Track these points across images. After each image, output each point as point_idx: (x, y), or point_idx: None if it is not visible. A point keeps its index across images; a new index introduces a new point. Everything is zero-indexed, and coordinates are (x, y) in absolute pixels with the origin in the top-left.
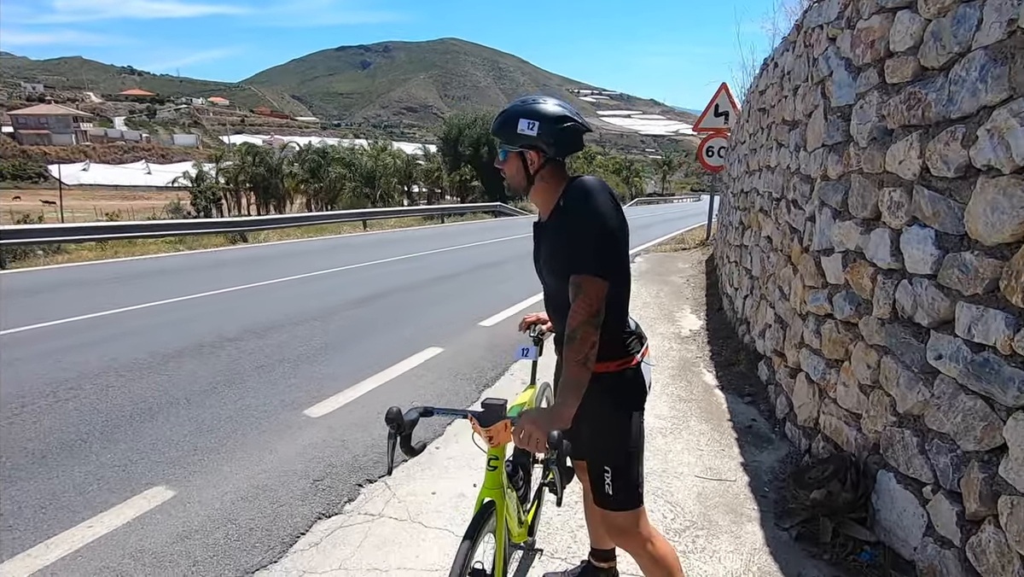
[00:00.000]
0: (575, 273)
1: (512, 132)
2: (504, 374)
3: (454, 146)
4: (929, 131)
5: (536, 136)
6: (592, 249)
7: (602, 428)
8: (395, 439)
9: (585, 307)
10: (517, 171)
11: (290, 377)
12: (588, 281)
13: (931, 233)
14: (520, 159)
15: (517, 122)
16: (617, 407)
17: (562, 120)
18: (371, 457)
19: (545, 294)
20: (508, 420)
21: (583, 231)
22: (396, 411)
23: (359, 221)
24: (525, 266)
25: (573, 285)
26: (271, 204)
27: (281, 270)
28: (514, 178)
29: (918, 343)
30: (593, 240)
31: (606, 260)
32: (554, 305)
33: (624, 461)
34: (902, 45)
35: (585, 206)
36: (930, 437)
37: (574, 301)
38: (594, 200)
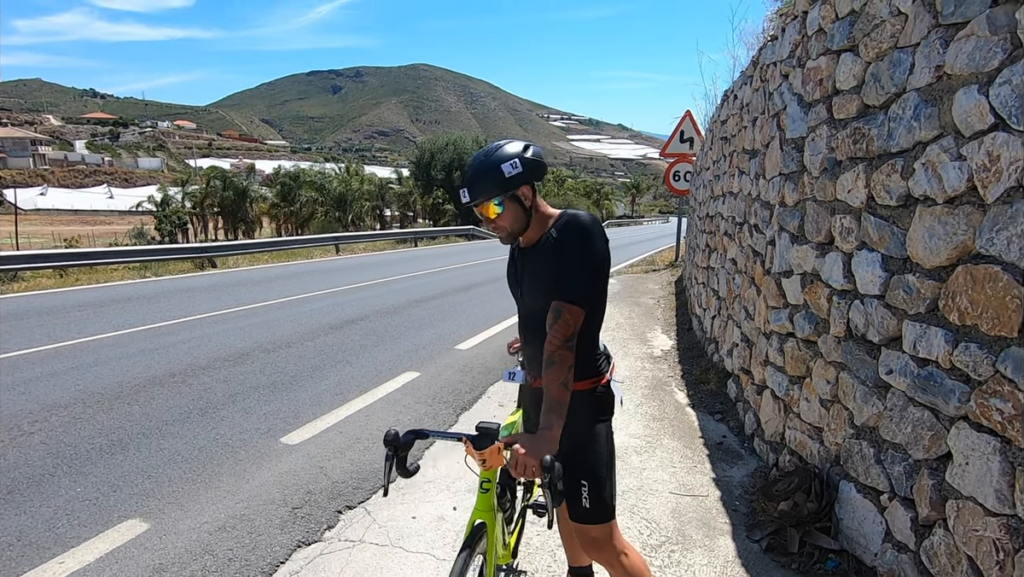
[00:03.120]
0: (558, 300)
1: (501, 179)
2: (481, 396)
3: (427, 170)
4: (873, 163)
5: (523, 170)
6: (578, 280)
7: (578, 443)
8: (392, 461)
9: (562, 332)
10: (517, 214)
11: (265, 404)
12: (568, 309)
13: (878, 257)
14: (516, 202)
15: (500, 168)
16: (591, 423)
17: (526, 149)
18: (351, 483)
19: (520, 315)
20: (502, 443)
21: (574, 263)
22: (394, 433)
23: (331, 245)
24: (499, 289)
25: (554, 310)
26: (240, 229)
27: (252, 296)
28: (516, 222)
29: (871, 359)
30: (581, 272)
31: (589, 291)
32: (531, 326)
33: (599, 473)
34: (847, 84)
35: (579, 240)
36: (885, 447)
37: (552, 325)
38: (588, 236)
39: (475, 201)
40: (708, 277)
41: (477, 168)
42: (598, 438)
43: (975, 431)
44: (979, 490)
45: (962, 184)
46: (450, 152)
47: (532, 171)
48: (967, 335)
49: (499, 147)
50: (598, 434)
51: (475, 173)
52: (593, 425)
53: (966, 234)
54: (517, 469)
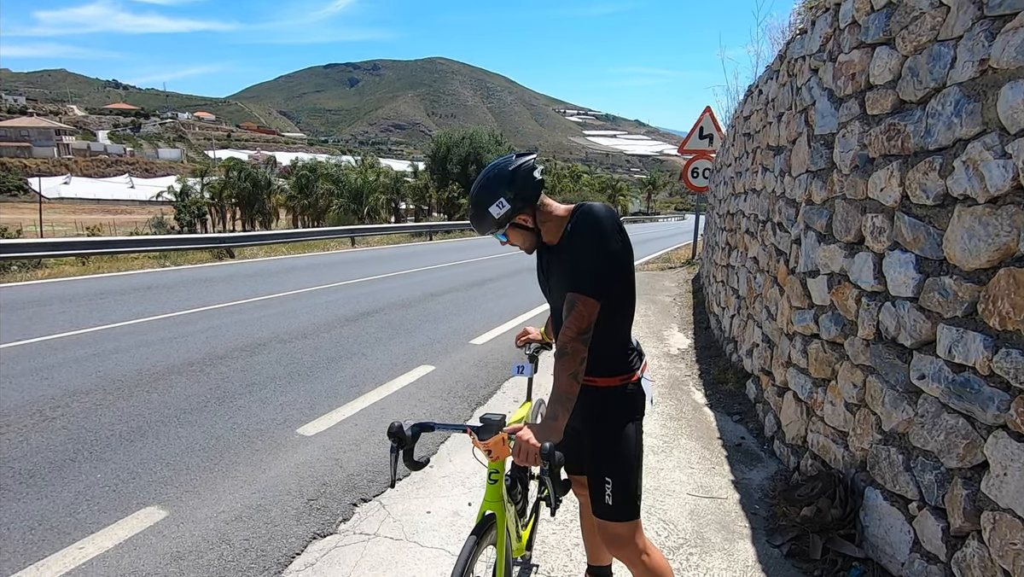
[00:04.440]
0: (571, 289)
1: (492, 220)
2: (496, 392)
3: (442, 164)
4: (908, 160)
5: (512, 206)
6: (590, 270)
7: (604, 440)
8: (397, 453)
9: (576, 324)
10: (522, 237)
11: (282, 395)
12: (582, 300)
13: (912, 258)
14: (517, 228)
15: (487, 212)
16: (619, 419)
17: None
18: (366, 476)
19: (552, 311)
20: (506, 434)
21: (585, 253)
22: (398, 426)
23: (347, 238)
24: (514, 284)
25: (568, 302)
26: (257, 220)
27: (269, 287)
28: (525, 242)
29: (902, 363)
30: (592, 262)
31: (602, 281)
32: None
33: (624, 471)
34: (881, 79)
35: (590, 230)
36: (915, 454)
37: (567, 318)
38: (599, 225)
39: (482, 233)
40: (727, 275)
41: (473, 206)
42: (627, 436)
43: (1015, 441)
44: (1018, 502)
45: (1006, 183)
46: (466, 146)
47: (521, 200)
48: (1008, 341)
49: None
50: (627, 432)
51: (473, 211)
52: (622, 423)
53: (1009, 235)
54: (519, 456)
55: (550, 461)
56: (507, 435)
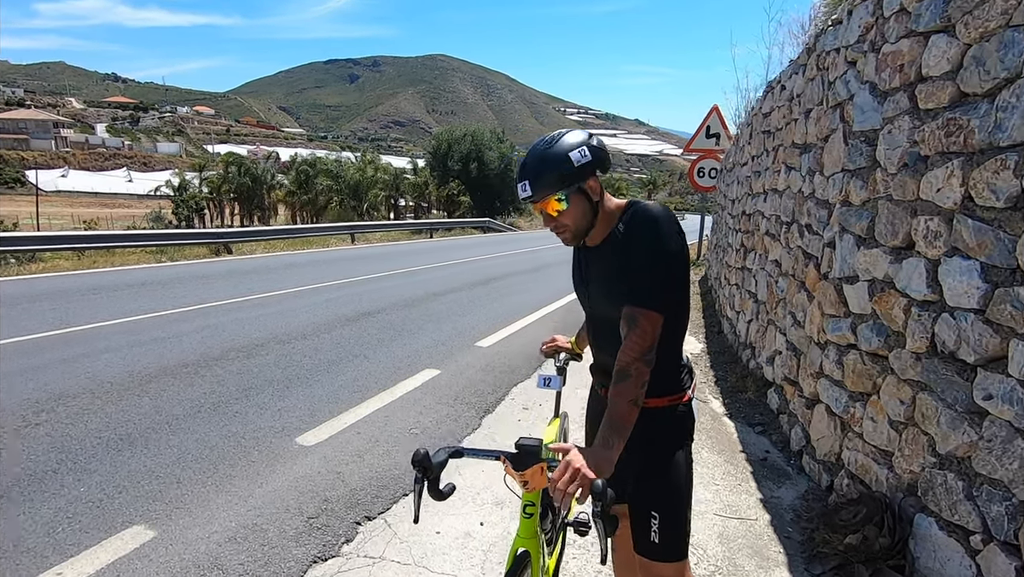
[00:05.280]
0: (632, 305)
1: (569, 169)
2: (505, 398)
3: (443, 160)
4: (973, 158)
5: (591, 160)
6: (655, 282)
7: (651, 468)
8: (423, 484)
9: (639, 342)
10: (583, 210)
11: (280, 400)
12: (645, 315)
13: (976, 265)
14: (582, 195)
15: (569, 157)
16: (668, 445)
17: (591, 137)
18: (370, 490)
19: (589, 321)
20: (545, 463)
21: (644, 261)
22: (424, 453)
23: (347, 234)
24: (518, 284)
25: (627, 317)
26: (255, 215)
27: (267, 284)
28: (581, 220)
29: (963, 381)
30: (657, 272)
31: (668, 294)
32: (604, 334)
33: (673, 505)
34: (937, 70)
35: (652, 236)
36: (978, 482)
37: (628, 335)
38: (661, 229)
39: (536, 196)
40: (743, 279)
41: (540, 157)
42: (676, 465)
43: None
44: None
45: None
46: (467, 143)
47: (601, 160)
48: None
49: (561, 135)
50: (676, 461)
51: (538, 163)
52: (672, 449)
53: None
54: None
55: (602, 501)
56: (547, 464)
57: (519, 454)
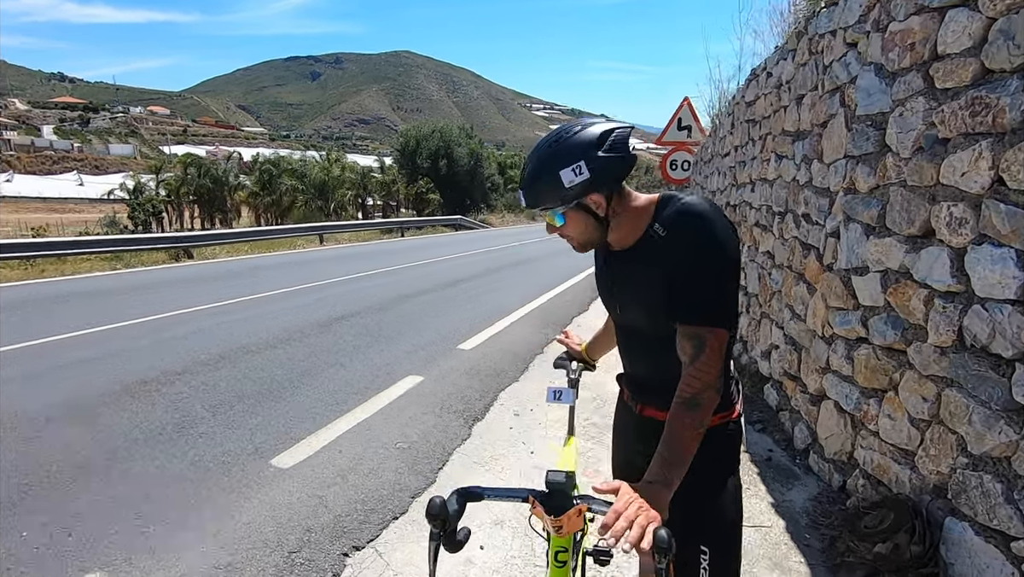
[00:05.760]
0: (691, 321)
1: (558, 190)
2: (494, 404)
3: (412, 158)
4: (1004, 139)
5: (591, 178)
6: (720, 294)
7: (700, 496)
8: (440, 541)
9: (711, 367)
10: (585, 227)
11: (251, 417)
12: (713, 334)
13: (1011, 253)
14: (582, 211)
15: (559, 176)
16: (719, 470)
17: (605, 137)
18: (356, 516)
19: (622, 330)
20: (586, 505)
21: (708, 271)
22: (440, 504)
23: (315, 235)
24: (495, 282)
25: (691, 336)
26: (217, 218)
27: (233, 290)
28: (584, 234)
29: (998, 376)
30: (722, 283)
31: (730, 303)
32: (637, 347)
33: (725, 539)
34: (957, 47)
35: (708, 239)
36: (1020, 485)
37: (695, 357)
38: (714, 230)
39: (532, 207)
40: None
41: (534, 169)
42: (728, 492)
43: None
44: None
45: None
46: (436, 140)
47: (605, 173)
48: None
49: (566, 138)
50: (728, 488)
51: (533, 172)
52: (723, 474)
53: None
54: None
55: (668, 554)
56: (586, 507)
57: (551, 494)
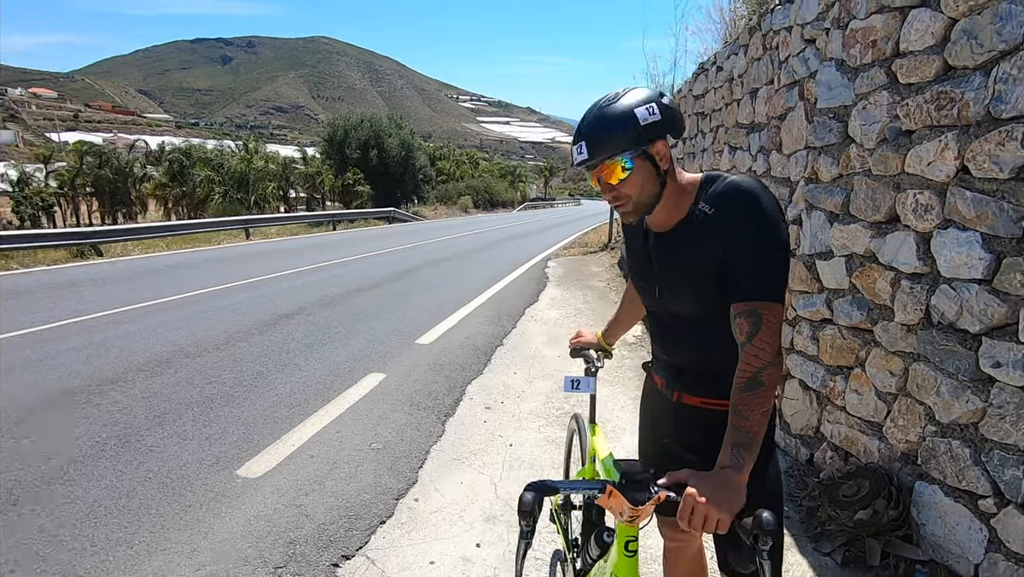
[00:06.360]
0: (749, 298)
1: (634, 128)
2: (463, 399)
3: (340, 148)
4: (969, 131)
5: (661, 119)
6: (775, 270)
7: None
8: (530, 538)
9: (770, 342)
10: (648, 179)
11: (205, 426)
12: (771, 310)
13: (976, 236)
14: (648, 161)
15: (634, 114)
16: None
17: (660, 95)
18: (341, 524)
19: (658, 317)
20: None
21: (759, 246)
22: (532, 500)
23: (240, 229)
24: (442, 274)
25: (748, 314)
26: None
27: (155, 289)
28: (644, 191)
29: (965, 350)
30: (776, 259)
31: (784, 279)
32: (678, 331)
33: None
34: (920, 44)
35: (762, 217)
36: (987, 448)
37: (752, 335)
38: (767, 206)
39: (594, 159)
40: None
41: (600, 115)
42: (771, 465)
43: None
44: None
45: None
46: (366, 129)
47: (671, 122)
48: None
49: (626, 91)
50: (770, 470)
51: (597, 122)
52: (767, 453)
53: None
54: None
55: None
56: (665, 495)
57: (631, 484)
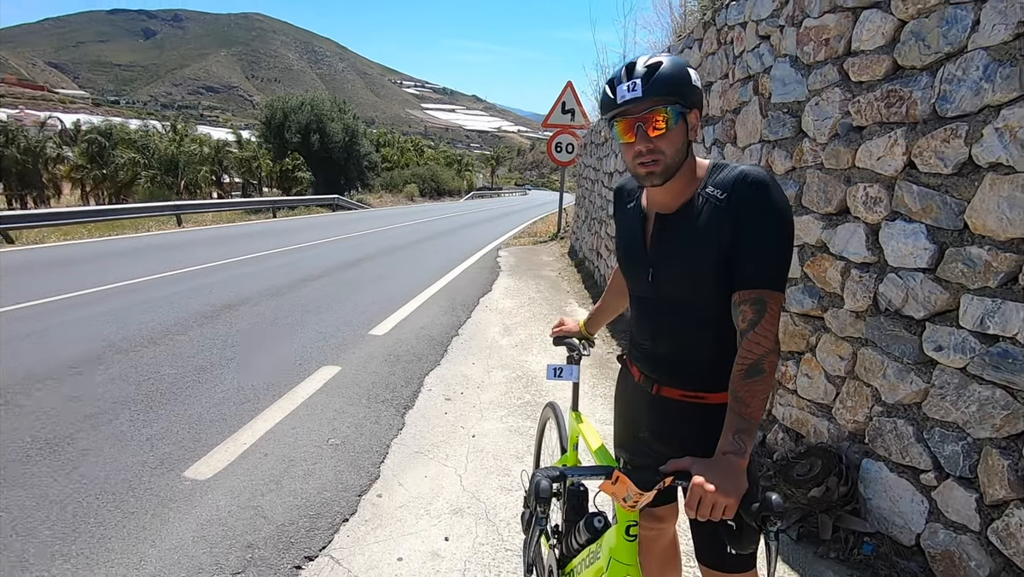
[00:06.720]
0: (755, 285)
1: (688, 85)
2: (421, 390)
3: (279, 132)
4: (917, 128)
5: (700, 90)
6: (781, 259)
7: None
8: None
9: (772, 330)
10: (681, 143)
11: (145, 426)
12: (774, 298)
13: (921, 228)
14: (685, 125)
15: (688, 73)
16: None
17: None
18: (301, 524)
19: (647, 304)
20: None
21: (773, 237)
22: (548, 486)
23: (171, 216)
24: (392, 263)
25: (752, 301)
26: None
27: (79, 280)
28: (677, 153)
29: (910, 335)
30: (783, 248)
31: (787, 273)
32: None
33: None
34: (871, 44)
35: (772, 205)
36: (929, 426)
37: (755, 323)
38: (778, 198)
39: (648, 98)
40: None
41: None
42: (752, 469)
43: None
44: None
45: None
46: (307, 113)
47: (702, 98)
48: None
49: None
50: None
51: (656, 66)
52: None
53: None
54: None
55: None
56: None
57: (639, 469)
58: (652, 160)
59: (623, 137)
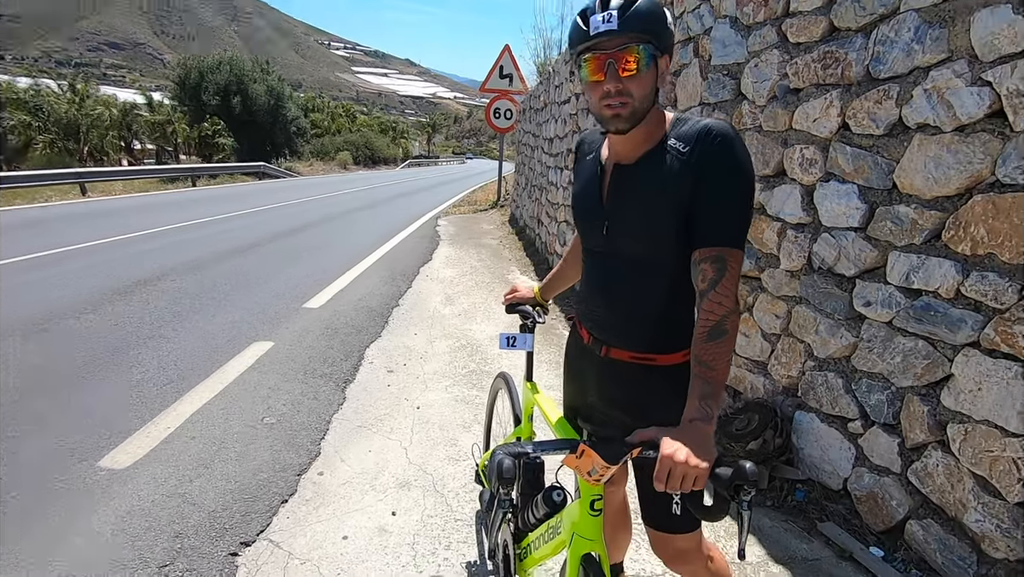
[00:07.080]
0: (716, 243)
1: (664, 25)
2: (362, 363)
3: (195, 94)
4: (851, 90)
5: (673, 33)
6: (743, 217)
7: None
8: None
9: (732, 290)
10: (651, 88)
11: (56, 412)
12: (732, 255)
13: (854, 188)
14: (655, 71)
15: (664, 14)
16: None
17: None
18: (236, 508)
19: (601, 258)
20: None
21: (736, 193)
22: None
23: (74, 184)
24: (328, 233)
25: (713, 260)
26: None
27: None
28: (647, 98)
29: (841, 292)
30: (744, 206)
31: (747, 231)
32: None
33: None
34: (808, 5)
35: (736, 161)
36: (857, 377)
37: (716, 282)
38: (742, 151)
39: (623, 32)
40: (570, 215)
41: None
42: None
43: (989, 358)
44: (998, 413)
45: (980, 111)
46: (225, 73)
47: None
48: (980, 264)
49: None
50: None
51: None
52: None
53: (983, 163)
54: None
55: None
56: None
57: (604, 441)
58: (620, 103)
59: (592, 76)
